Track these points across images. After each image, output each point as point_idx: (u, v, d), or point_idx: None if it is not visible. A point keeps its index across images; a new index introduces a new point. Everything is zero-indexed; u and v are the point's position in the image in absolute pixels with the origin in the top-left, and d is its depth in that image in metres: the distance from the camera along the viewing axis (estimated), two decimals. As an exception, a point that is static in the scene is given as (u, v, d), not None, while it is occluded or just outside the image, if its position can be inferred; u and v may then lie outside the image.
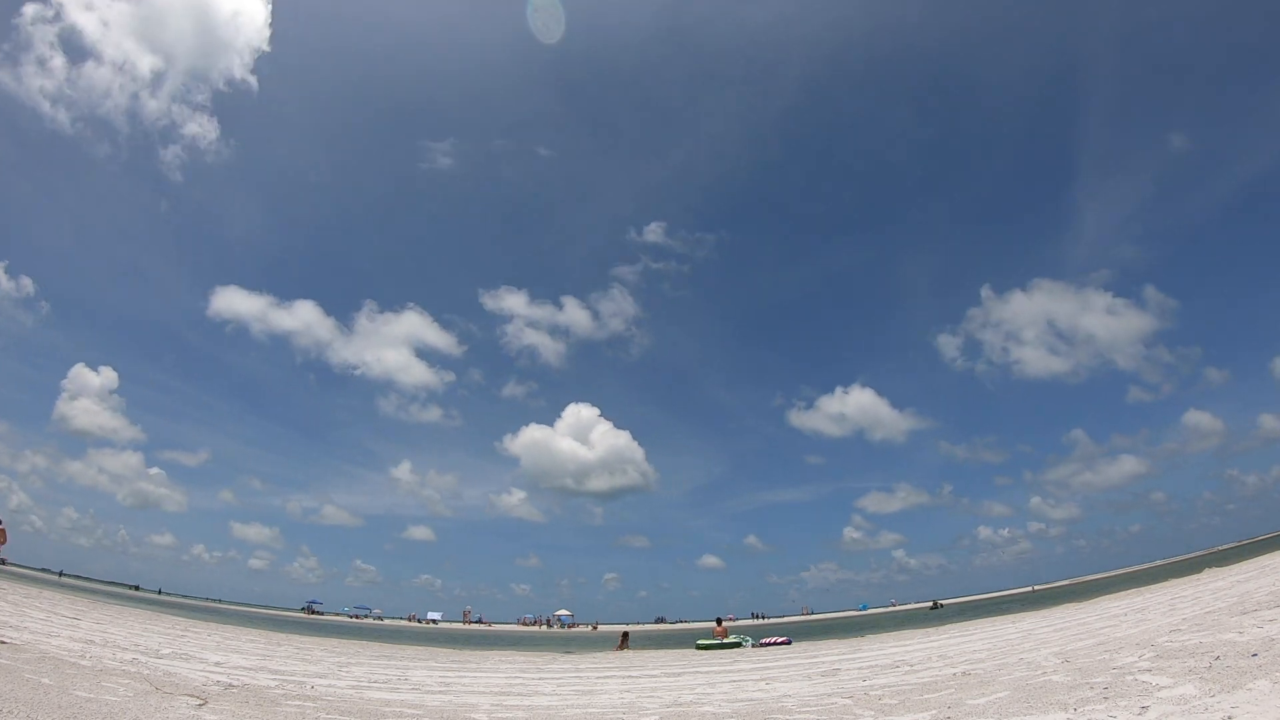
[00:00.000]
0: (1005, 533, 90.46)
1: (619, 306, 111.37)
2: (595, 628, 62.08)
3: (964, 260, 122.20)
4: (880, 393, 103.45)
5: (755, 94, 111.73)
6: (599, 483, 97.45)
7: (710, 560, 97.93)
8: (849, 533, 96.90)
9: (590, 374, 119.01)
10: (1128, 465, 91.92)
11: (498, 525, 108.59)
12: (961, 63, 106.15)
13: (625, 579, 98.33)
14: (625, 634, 23.64)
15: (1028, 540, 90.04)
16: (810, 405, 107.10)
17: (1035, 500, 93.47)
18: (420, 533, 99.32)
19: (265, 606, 72.68)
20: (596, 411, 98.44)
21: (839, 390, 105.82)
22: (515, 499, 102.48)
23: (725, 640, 20.16)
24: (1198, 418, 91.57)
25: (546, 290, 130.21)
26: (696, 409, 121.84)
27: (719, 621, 24.22)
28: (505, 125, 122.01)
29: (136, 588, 74.33)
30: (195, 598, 77.28)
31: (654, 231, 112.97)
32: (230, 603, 77.10)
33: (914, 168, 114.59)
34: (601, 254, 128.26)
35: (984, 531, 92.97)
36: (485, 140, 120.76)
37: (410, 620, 69.64)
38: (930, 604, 65.06)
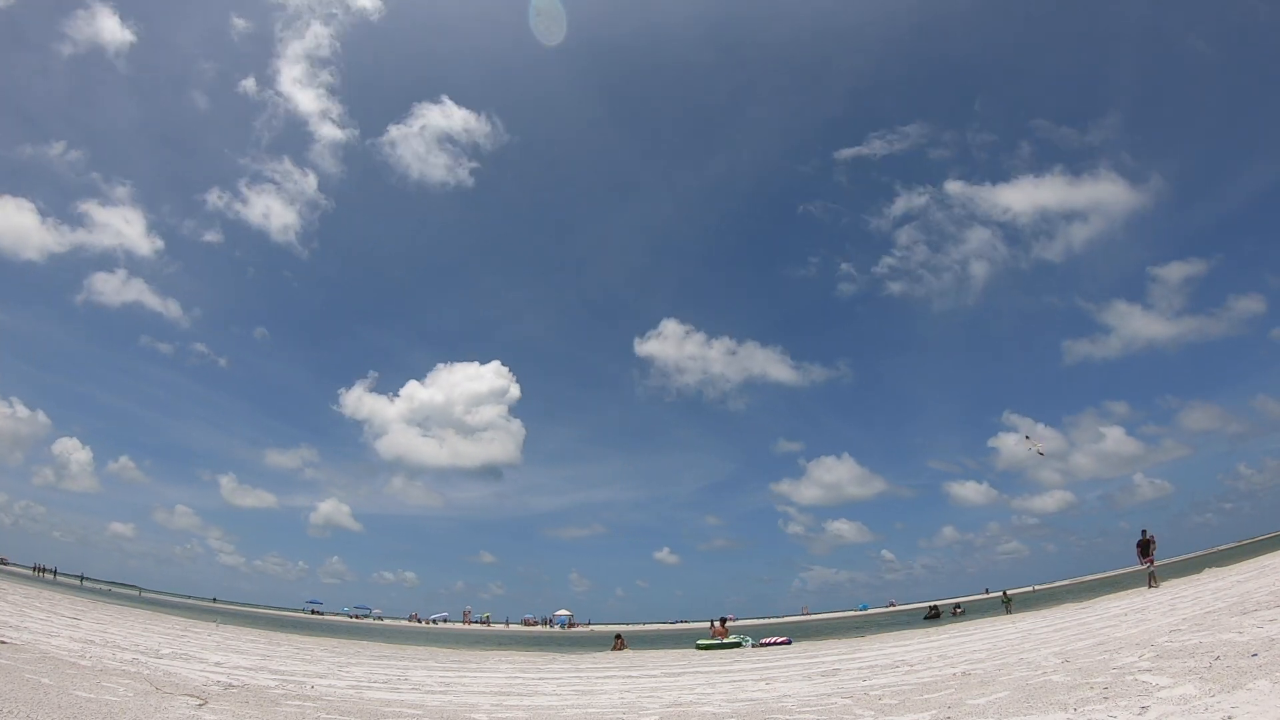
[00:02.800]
0: (981, 532, 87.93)
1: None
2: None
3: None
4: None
5: (801, 102, 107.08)
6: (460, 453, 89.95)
7: (665, 556, 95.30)
8: (790, 528, 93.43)
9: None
10: (1112, 447, 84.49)
11: (418, 515, 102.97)
12: (996, 67, 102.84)
13: (593, 578, 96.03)
14: (619, 635, 23.68)
15: (1015, 539, 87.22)
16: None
17: (1015, 499, 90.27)
18: (340, 520, 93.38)
19: (244, 604, 71.49)
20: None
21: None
22: (401, 483, 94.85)
23: (725, 640, 20.19)
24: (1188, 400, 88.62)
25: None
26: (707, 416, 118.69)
27: (723, 622, 24.25)
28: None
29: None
30: (175, 594, 75.10)
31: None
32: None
33: (942, 174, 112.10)
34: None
35: (951, 530, 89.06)
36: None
37: (412, 620, 69.74)
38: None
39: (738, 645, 19.46)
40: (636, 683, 9.40)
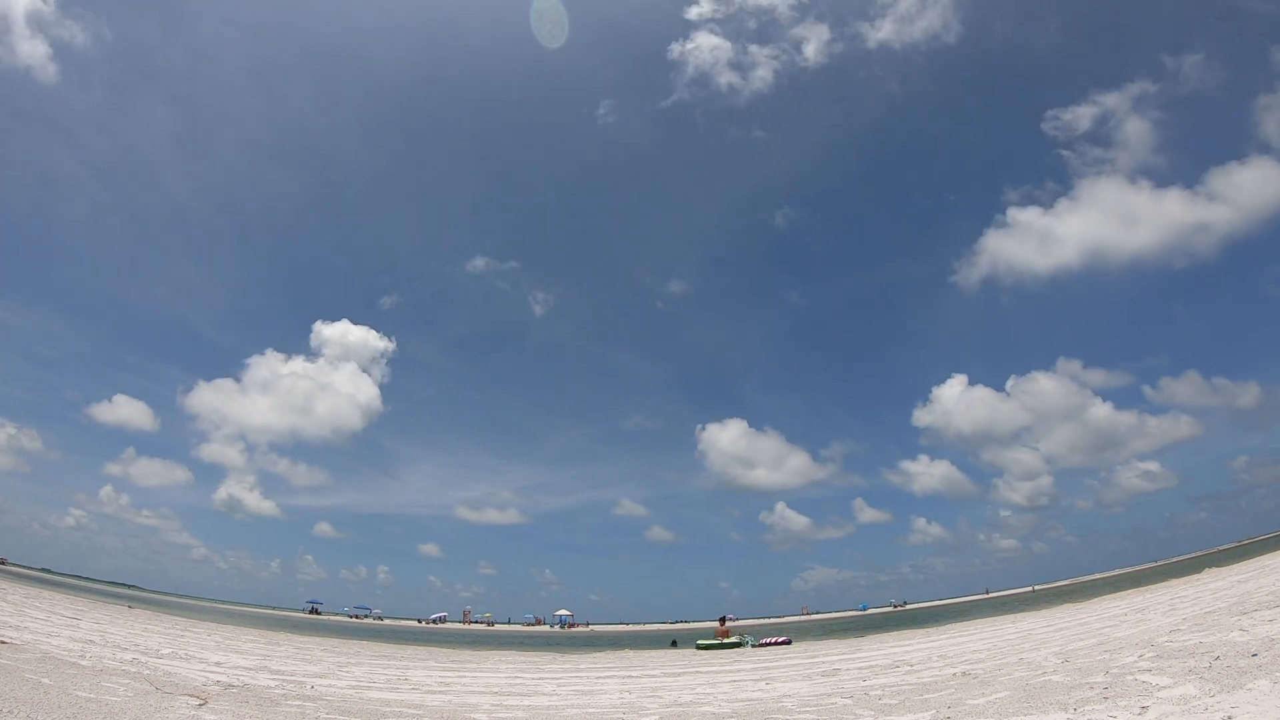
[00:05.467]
0: (958, 529, 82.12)
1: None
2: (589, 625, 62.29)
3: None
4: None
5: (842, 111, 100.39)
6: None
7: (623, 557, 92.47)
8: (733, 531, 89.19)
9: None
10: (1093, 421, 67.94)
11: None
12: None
13: (564, 578, 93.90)
14: (723, 618, 23.21)
15: (1007, 536, 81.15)
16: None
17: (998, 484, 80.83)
18: (258, 505, 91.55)
19: (244, 604, 70.78)
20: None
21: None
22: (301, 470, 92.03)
23: (726, 640, 20.19)
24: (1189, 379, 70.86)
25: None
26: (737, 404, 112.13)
27: (723, 621, 24.25)
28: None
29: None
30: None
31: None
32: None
33: (970, 185, 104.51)
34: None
35: (925, 523, 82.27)
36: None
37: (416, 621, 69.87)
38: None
39: (739, 645, 19.46)
40: (636, 683, 9.40)
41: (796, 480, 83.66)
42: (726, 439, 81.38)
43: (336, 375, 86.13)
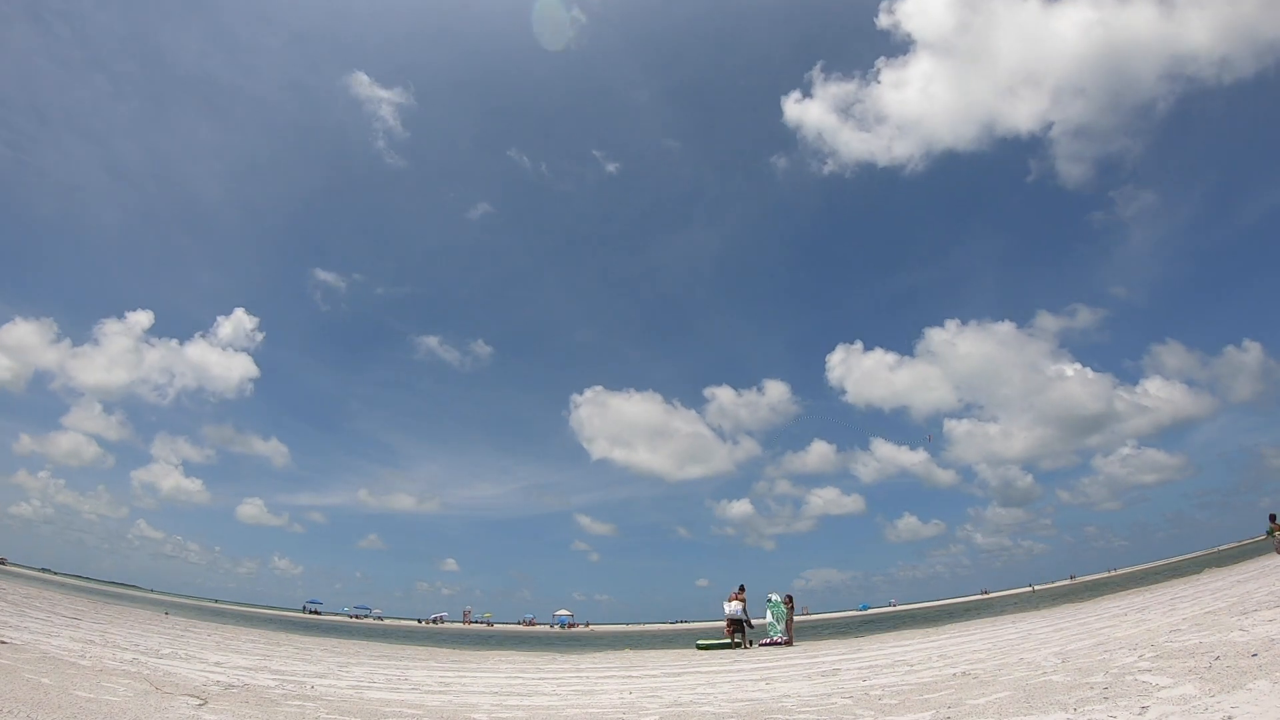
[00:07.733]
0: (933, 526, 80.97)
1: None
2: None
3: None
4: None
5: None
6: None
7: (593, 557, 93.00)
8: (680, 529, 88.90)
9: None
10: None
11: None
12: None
13: (541, 578, 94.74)
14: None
15: (992, 533, 79.89)
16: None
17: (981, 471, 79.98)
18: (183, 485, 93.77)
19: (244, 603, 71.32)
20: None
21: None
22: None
23: (725, 641, 20.14)
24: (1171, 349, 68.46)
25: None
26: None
27: (741, 589, 23.97)
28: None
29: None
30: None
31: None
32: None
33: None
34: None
35: (902, 521, 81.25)
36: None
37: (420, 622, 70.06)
38: None
39: (737, 646, 19.42)
40: (637, 683, 9.39)
41: (711, 470, 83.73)
42: (590, 412, 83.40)
43: (229, 357, 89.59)
